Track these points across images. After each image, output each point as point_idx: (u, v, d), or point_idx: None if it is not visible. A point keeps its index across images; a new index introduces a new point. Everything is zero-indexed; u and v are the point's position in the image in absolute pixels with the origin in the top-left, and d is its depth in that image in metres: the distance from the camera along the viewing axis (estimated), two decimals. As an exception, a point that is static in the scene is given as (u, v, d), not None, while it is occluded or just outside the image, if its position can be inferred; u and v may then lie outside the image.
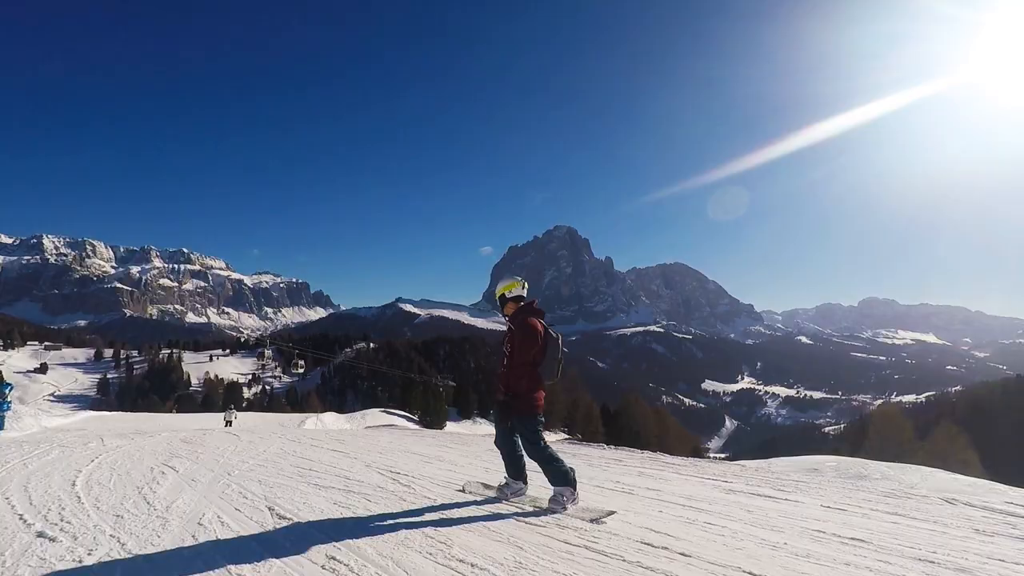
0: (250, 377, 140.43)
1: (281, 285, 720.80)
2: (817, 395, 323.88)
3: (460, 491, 5.07)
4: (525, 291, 4.67)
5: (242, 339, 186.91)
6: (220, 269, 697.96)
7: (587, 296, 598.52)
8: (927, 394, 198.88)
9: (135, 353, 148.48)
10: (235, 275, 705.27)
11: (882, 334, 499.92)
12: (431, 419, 42.10)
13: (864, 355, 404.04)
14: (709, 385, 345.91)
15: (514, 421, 4.36)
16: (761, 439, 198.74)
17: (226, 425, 26.79)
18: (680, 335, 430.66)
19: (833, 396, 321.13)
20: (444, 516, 4.12)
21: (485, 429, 49.35)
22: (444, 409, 44.48)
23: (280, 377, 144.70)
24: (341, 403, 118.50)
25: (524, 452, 4.51)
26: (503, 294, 4.65)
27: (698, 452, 45.32)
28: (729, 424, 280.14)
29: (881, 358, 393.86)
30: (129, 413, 40.28)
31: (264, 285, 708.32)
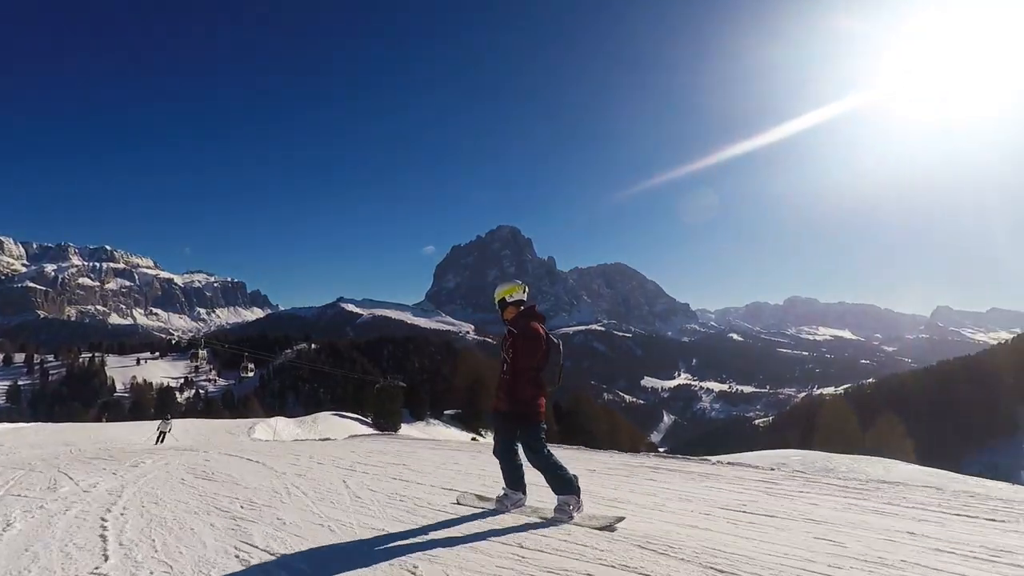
0: (182, 381, 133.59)
1: (215, 284, 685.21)
2: (747, 389, 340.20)
3: (455, 503, 4.88)
4: (526, 295, 4.55)
5: (173, 341, 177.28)
6: (147, 268, 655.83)
7: (530, 295, 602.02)
8: (844, 386, 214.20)
9: (51, 357, 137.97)
10: (164, 274, 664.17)
11: (805, 331, 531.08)
12: (385, 421, 41.77)
13: (789, 350, 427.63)
14: (648, 382, 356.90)
15: (519, 430, 4.22)
16: (697, 433, 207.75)
17: (159, 440, 23.99)
18: (620, 334, 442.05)
19: (762, 390, 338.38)
20: (447, 534, 3.93)
21: (440, 431, 49.35)
22: (399, 411, 44.18)
23: (215, 380, 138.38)
24: (281, 406, 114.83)
25: (525, 461, 4.39)
26: (503, 298, 4.50)
27: (652, 448, 47.22)
28: (667, 419, 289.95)
29: (804, 353, 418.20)
30: (50, 424, 37.51)
31: (196, 284, 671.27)
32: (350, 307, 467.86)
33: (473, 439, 35.01)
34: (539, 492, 4.70)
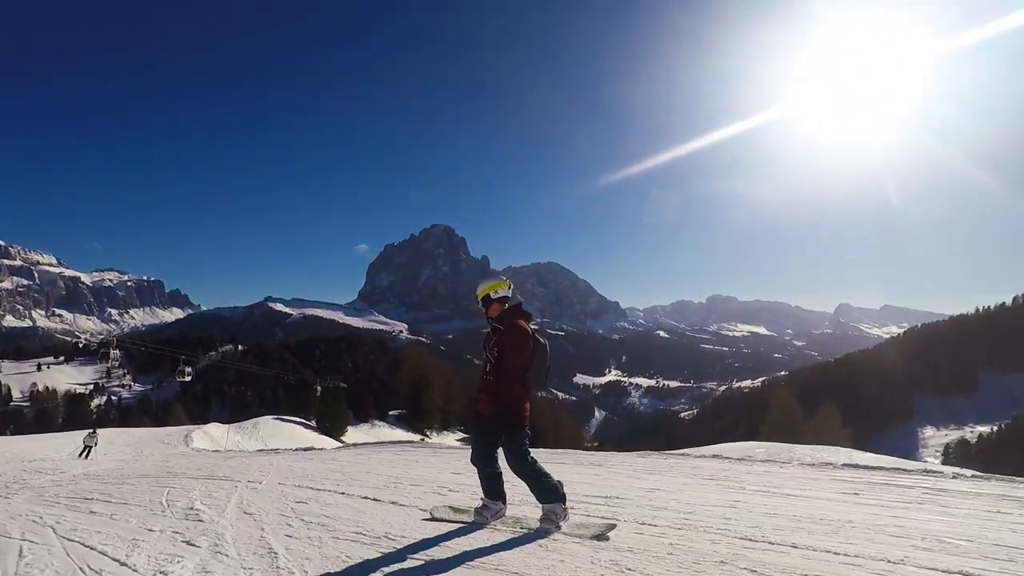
0: (92, 387, 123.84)
1: (129, 283, 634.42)
2: (674, 384, 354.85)
3: (428, 519, 4.40)
4: (511, 292, 4.28)
5: (80, 344, 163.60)
6: (49, 265, 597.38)
7: (464, 295, 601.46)
8: (760, 379, 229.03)
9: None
10: (69, 272, 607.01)
11: (725, 327, 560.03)
12: (331, 425, 40.85)
13: (711, 346, 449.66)
14: (580, 379, 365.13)
15: (502, 435, 3.94)
16: (627, 427, 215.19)
17: (84, 454, 22.06)
18: (553, 332, 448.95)
19: (687, 384, 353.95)
20: (429, 557, 3.45)
21: (386, 433, 48.99)
22: (344, 413, 43.25)
23: (130, 386, 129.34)
24: (205, 411, 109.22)
25: (505, 468, 4.10)
26: (487, 295, 4.17)
27: (603, 445, 48.91)
28: (598, 415, 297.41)
29: (724, 348, 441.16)
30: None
31: (107, 283, 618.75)
32: (279, 307, 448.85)
33: (422, 439, 35.17)
34: (516, 492, 4.41)
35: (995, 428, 65.07)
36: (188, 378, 34.02)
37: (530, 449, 4.11)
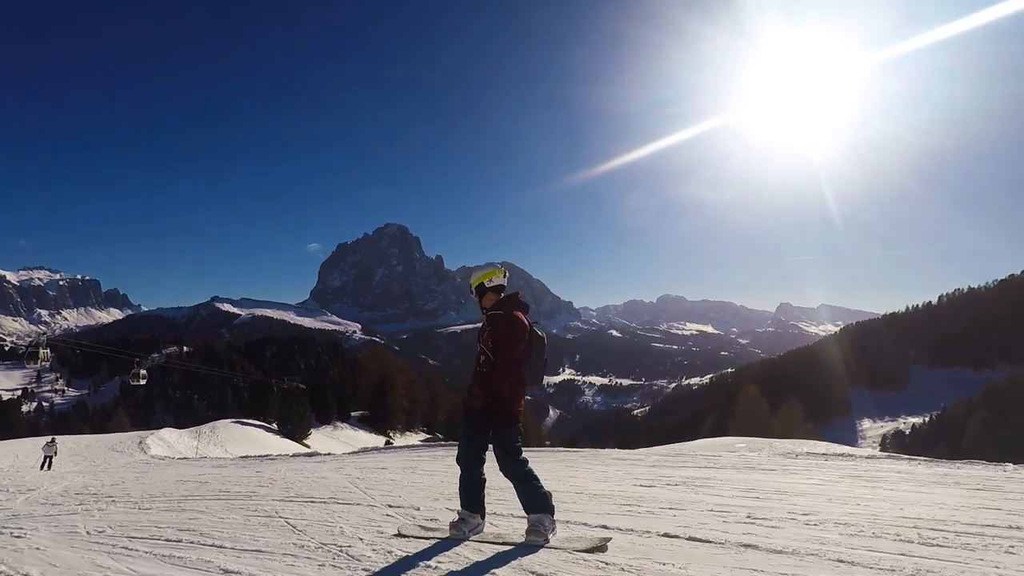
0: (20, 392, 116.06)
1: (61, 283, 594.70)
2: (626, 382, 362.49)
3: (396, 535, 3.96)
4: (506, 280, 4.04)
5: (6, 347, 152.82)
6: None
7: (418, 294, 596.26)
8: (708, 376, 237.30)
9: None
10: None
11: (675, 326, 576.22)
12: (293, 427, 39.63)
13: (662, 345, 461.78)
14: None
15: (494, 430, 3.65)
16: (581, 425, 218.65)
17: (44, 465, 21.05)
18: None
19: (638, 382, 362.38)
20: None
21: (349, 435, 48.11)
22: (307, 416, 41.94)
23: (63, 391, 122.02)
24: (148, 417, 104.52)
25: (493, 470, 3.78)
26: (481, 283, 3.96)
27: (571, 443, 49.59)
28: (553, 413, 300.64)
29: (674, 347, 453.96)
30: None
31: (37, 283, 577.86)
32: (226, 307, 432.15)
33: (388, 443, 34.78)
34: (492, 505, 4.09)
35: (926, 419, 69.99)
36: (143, 381, 32.34)
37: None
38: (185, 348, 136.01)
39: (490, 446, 3.78)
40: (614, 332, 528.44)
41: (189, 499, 6.19)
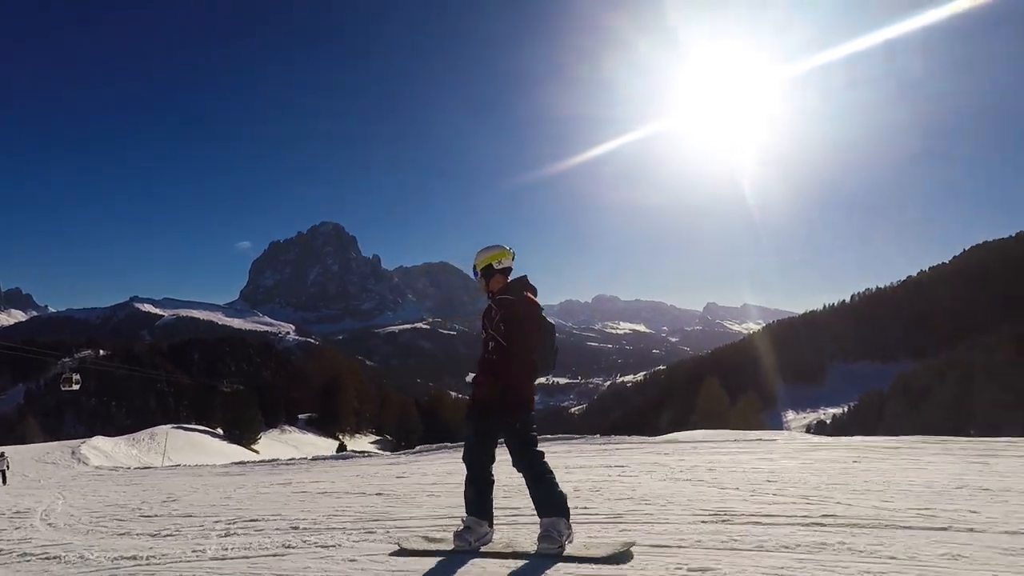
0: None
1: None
2: (563, 380, 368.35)
3: (397, 551, 3.51)
4: (514, 262, 3.74)
5: None
6: None
7: (354, 294, 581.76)
8: (642, 373, 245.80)
9: None
10: None
11: (609, 325, 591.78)
12: (241, 432, 37.59)
13: (597, 344, 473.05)
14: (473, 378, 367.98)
15: (508, 422, 3.34)
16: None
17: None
18: (446, 331, 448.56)
19: (575, 381, 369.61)
20: None
21: (297, 438, 46.39)
22: (257, 420, 39.84)
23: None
24: (59, 426, 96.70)
25: (497, 468, 3.50)
26: (490, 264, 3.64)
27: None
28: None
29: (609, 346, 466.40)
30: None
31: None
32: (146, 307, 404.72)
33: (341, 448, 33.80)
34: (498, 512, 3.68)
35: (845, 409, 75.83)
36: (76, 386, 29.95)
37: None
38: (101, 352, 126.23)
39: (499, 441, 3.47)
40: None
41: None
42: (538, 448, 3.36)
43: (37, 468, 25.48)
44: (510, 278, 3.68)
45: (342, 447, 33.72)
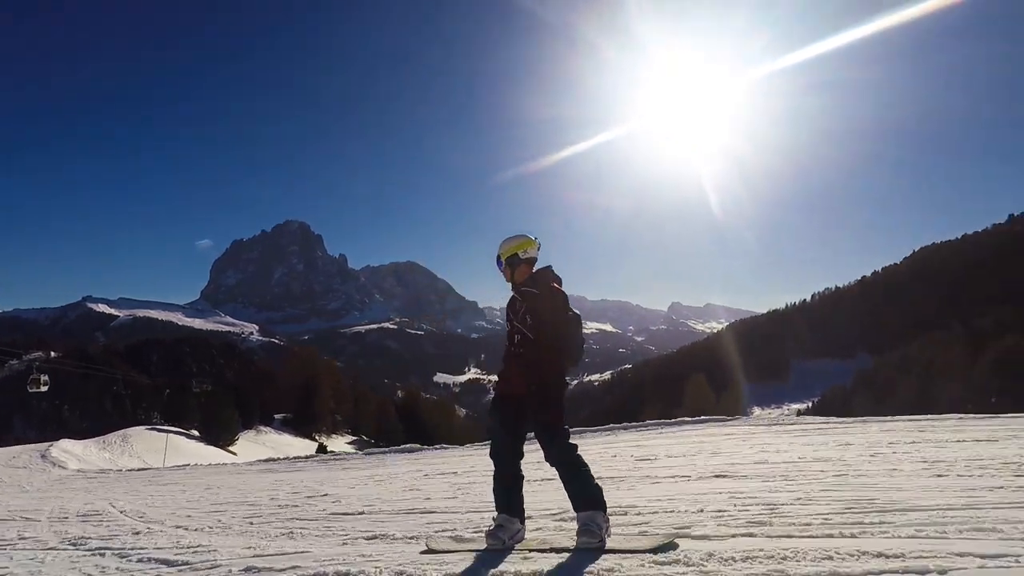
0: None
1: None
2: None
3: (425, 551, 3.42)
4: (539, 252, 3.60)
5: None
6: None
7: (320, 294, 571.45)
8: (609, 372, 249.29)
9: None
10: None
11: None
12: (220, 432, 36.52)
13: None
14: (440, 378, 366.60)
15: (540, 419, 3.25)
16: (485, 424, 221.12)
17: None
18: (413, 331, 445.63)
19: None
20: None
21: (273, 439, 45.51)
22: (234, 420, 38.75)
23: None
24: (6, 431, 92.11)
25: (534, 461, 3.51)
26: (515, 254, 3.52)
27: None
28: (460, 413, 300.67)
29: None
30: None
31: None
32: (101, 307, 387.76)
33: (321, 449, 33.32)
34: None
35: (808, 405, 78.64)
36: (44, 388, 28.76)
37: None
38: (52, 353, 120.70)
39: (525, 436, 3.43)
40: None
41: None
42: (571, 441, 3.26)
43: (9, 473, 24.44)
44: (535, 268, 3.58)
45: (322, 448, 33.24)
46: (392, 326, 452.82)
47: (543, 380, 3.23)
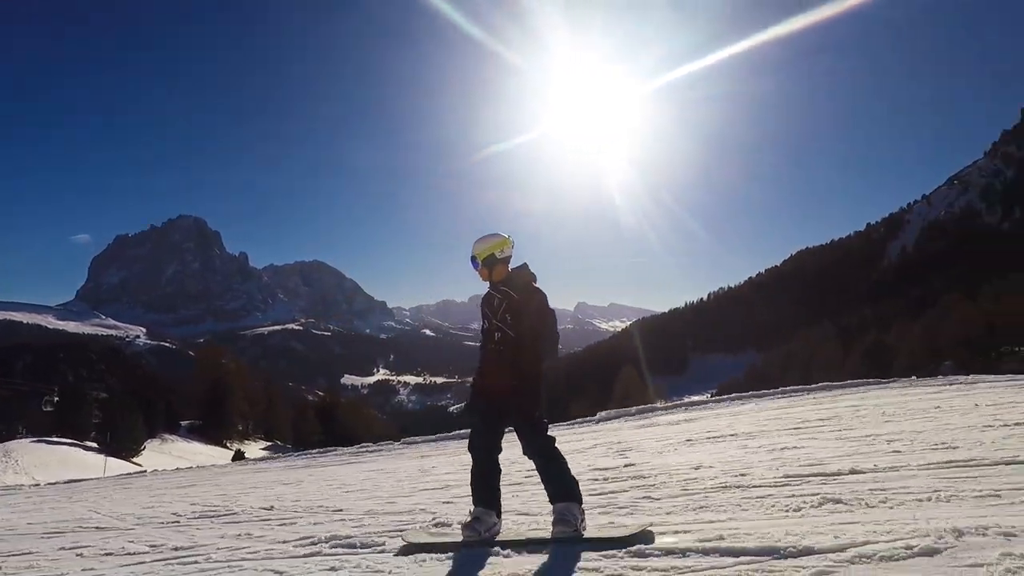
0: None
1: None
2: (440, 380, 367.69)
3: (403, 547, 3.44)
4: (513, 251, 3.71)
5: None
6: None
7: (218, 294, 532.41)
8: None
9: None
10: None
11: (485, 325, 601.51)
12: (121, 443, 33.23)
13: (474, 343, 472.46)
14: (348, 379, 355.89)
15: (522, 415, 3.38)
16: (398, 425, 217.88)
17: None
18: (319, 332, 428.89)
19: (452, 380, 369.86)
20: None
21: (182, 448, 42.76)
22: (139, 428, 35.27)
23: None
24: None
25: (501, 455, 3.51)
26: (492, 254, 3.62)
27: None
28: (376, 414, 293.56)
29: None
30: None
31: None
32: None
33: (238, 456, 31.85)
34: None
35: (707, 397, 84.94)
36: (49, 408, 25.48)
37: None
38: None
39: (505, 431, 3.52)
40: (427, 331, 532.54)
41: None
42: (550, 433, 3.40)
43: None
44: (510, 267, 3.70)
45: (239, 455, 31.69)
46: (297, 327, 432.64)
47: (525, 375, 3.34)
